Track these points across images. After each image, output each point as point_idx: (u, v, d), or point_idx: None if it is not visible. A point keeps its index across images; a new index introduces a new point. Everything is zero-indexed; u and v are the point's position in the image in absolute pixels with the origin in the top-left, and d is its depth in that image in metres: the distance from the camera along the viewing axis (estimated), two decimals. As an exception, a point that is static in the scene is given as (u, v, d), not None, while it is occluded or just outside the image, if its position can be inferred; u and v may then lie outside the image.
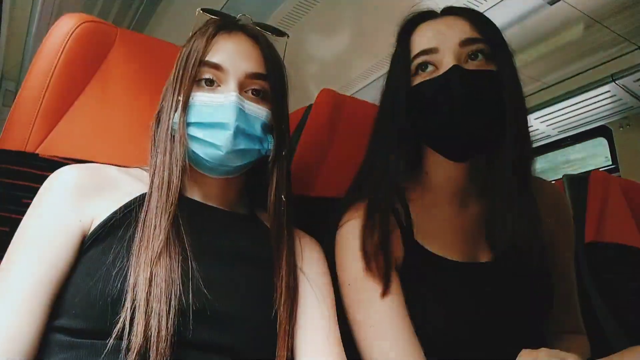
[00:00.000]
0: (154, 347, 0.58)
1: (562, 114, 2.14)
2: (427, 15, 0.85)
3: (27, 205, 0.70)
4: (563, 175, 1.76)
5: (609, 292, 1.52)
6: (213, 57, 0.74)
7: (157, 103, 0.80)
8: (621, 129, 2.15)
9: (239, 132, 0.71)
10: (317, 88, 1.24)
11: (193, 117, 0.73)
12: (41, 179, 0.72)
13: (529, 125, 0.82)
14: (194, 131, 0.72)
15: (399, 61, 0.82)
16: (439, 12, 0.86)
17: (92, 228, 0.68)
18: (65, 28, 0.86)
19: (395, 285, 0.77)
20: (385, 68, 0.92)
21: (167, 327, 0.60)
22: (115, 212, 0.69)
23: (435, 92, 0.77)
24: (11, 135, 0.83)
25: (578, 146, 2.44)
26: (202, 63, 0.73)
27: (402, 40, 0.84)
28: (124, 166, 0.81)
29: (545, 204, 0.87)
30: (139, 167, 0.80)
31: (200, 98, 0.73)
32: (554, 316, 0.88)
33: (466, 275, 0.79)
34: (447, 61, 0.77)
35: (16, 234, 0.67)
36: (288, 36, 0.87)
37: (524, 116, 0.80)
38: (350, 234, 0.81)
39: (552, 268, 0.87)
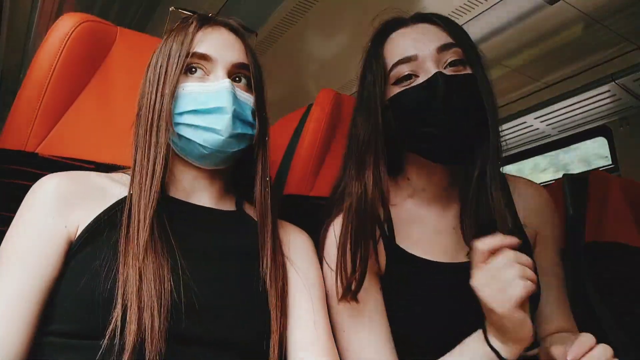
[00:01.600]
0: (149, 345, 0.59)
1: (562, 114, 2.13)
2: (398, 24, 0.86)
3: (27, 204, 0.70)
4: (563, 175, 1.76)
5: (608, 291, 1.52)
6: (200, 48, 0.76)
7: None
8: (621, 128, 2.15)
9: (235, 116, 0.74)
10: (317, 88, 1.24)
11: (186, 106, 0.73)
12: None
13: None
14: (188, 119, 0.73)
15: (375, 71, 0.82)
16: (407, 17, 0.88)
17: (78, 234, 0.68)
18: (65, 27, 0.86)
19: (374, 290, 0.80)
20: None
21: (159, 324, 0.60)
22: (99, 216, 0.69)
23: (421, 99, 0.78)
24: (11, 134, 0.83)
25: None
26: (190, 54, 0.74)
27: (375, 51, 0.84)
28: (123, 166, 0.81)
29: (530, 203, 0.89)
30: (122, 172, 0.80)
31: (192, 87, 0.74)
32: (546, 316, 0.89)
33: (449, 275, 0.81)
34: (427, 68, 0.79)
35: (3, 243, 0.67)
36: (257, 34, 0.90)
37: (498, 116, 0.82)
38: (332, 246, 0.82)
39: (540, 268, 0.87)
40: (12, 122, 0.83)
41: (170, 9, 0.83)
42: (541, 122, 2.21)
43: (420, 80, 0.79)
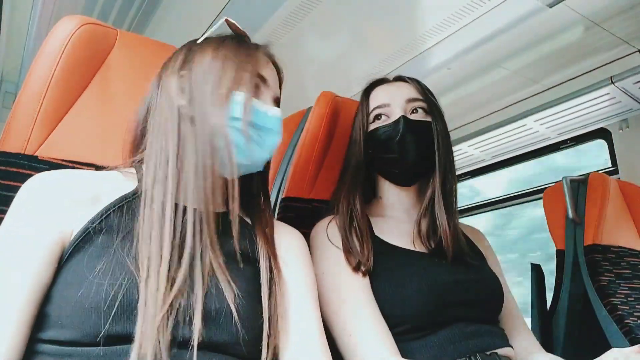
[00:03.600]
0: (152, 351, 0.58)
1: (561, 116, 2.14)
2: (383, 81, 1.14)
3: (27, 207, 0.69)
4: (562, 178, 1.77)
5: (608, 293, 1.52)
6: (264, 72, 0.80)
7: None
8: (620, 131, 2.16)
9: (278, 142, 0.79)
10: (317, 91, 1.24)
11: (249, 116, 0.75)
12: (41, 181, 0.71)
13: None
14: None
15: (362, 112, 1.10)
16: (391, 79, 1.14)
17: (72, 236, 0.66)
18: (65, 30, 0.86)
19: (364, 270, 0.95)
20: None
21: (163, 331, 0.60)
22: (93, 219, 0.67)
23: (387, 135, 1.04)
24: (11, 137, 0.83)
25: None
26: (257, 74, 0.79)
27: (364, 97, 1.12)
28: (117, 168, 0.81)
29: (473, 235, 1.15)
30: (114, 169, 0.79)
31: (256, 101, 0.77)
32: (519, 342, 1.04)
33: (416, 257, 1.00)
34: (396, 112, 1.05)
35: None
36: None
37: (449, 155, 1.06)
38: (324, 233, 1.00)
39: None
40: (12, 125, 0.83)
41: (223, 19, 0.84)
42: (541, 124, 2.21)
43: (390, 120, 1.05)
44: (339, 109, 1.22)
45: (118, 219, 0.68)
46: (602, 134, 2.25)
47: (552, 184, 1.88)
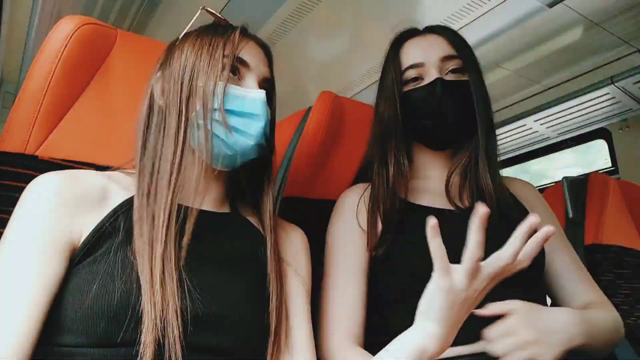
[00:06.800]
0: (167, 354, 0.58)
1: (562, 116, 2.14)
2: (412, 33, 1.06)
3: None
4: (562, 178, 1.77)
5: (608, 293, 1.52)
6: (243, 55, 0.78)
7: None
8: (620, 131, 2.16)
9: (264, 126, 0.75)
10: (317, 90, 1.24)
11: (223, 105, 0.74)
12: (41, 181, 0.71)
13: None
14: (222, 118, 0.74)
15: (391, 72, 1.02)
16: (421, 29, 1.07)
17: (82, 239, 0.66)
18: (65, 30, 0.86)
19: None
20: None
21: (179, 333, 0.60)
22: (102, 221, 0.67)
23: (422, 98, 0.98)
24: (11, 137, 0.83)
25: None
26: (235, 58, 0.76)
27: (392, 55, 1.04)
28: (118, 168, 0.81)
29: (524, 194, 1.09)
30: (119, 170, 0.79)
31: (232, 88, 0.75)
32: (569, 290, 0.98)
33: (448, 218, 0.93)
34: (431, 73, 0.98)
35: (1, 246, 0.64)
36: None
37: (489, 113, 1.01)
38: (347, 198, 1.00)
39: (551, 246, 0.99)
40: (12, 125, 0.83)
41: (200, 8, 0.84)
42: (541, 124, 2.21)
43: (424, 82, 0.98)
44: (340, 108, 1.22)
45: (125, 221, 0.68)
46: (602, 134, 2.26)
47: (552, 184, 1.88)
